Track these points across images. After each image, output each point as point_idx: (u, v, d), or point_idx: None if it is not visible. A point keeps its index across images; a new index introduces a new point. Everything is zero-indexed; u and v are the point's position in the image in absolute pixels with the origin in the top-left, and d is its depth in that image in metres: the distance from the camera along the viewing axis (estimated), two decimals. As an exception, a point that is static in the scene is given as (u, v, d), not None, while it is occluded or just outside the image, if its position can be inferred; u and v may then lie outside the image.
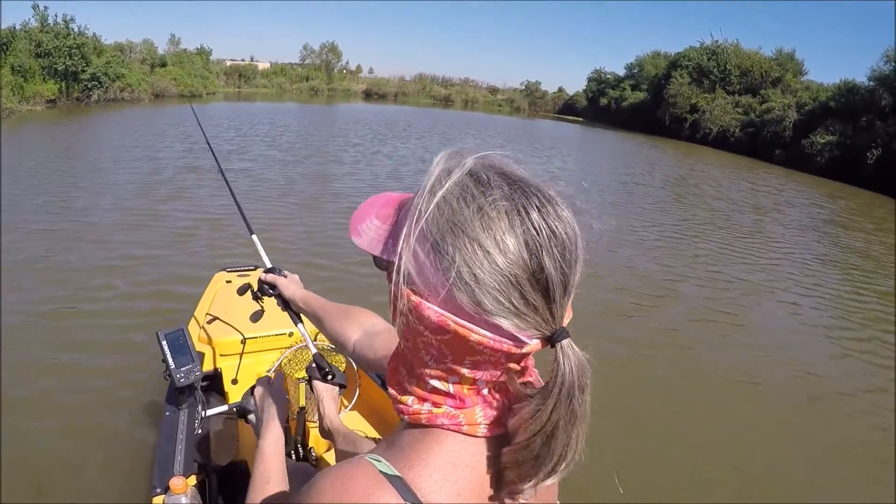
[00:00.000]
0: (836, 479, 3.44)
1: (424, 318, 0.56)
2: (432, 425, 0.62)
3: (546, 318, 0.55)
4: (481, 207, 0.53)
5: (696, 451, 3.56)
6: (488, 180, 0.55)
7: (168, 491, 1.66)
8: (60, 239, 6.24)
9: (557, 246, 0.54)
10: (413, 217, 0.56)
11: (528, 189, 0.55)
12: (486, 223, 0.53)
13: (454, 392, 0.60)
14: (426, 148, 16.78)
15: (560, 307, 0.56)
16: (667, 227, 9.73)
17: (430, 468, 0.60)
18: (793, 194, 16.92)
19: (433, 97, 67.29)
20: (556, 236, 0.54)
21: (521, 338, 0.55)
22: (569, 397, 0.55)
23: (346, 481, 0.60)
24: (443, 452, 0.61)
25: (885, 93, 24.31)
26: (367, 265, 3.03)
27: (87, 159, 11.17)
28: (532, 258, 0.53)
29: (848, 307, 6.76)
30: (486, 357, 0.57)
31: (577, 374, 0.55)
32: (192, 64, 40.18)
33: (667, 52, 49.81)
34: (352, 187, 10.35)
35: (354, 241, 0.66)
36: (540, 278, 0.53)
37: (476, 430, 0.61)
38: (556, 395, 0.55)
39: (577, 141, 30.23)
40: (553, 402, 0.55)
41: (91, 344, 4.07)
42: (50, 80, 23.41)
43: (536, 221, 0.53)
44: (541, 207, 0.54)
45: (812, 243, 10.08)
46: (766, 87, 36.14)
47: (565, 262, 0.54)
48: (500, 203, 0.54)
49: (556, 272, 0.54)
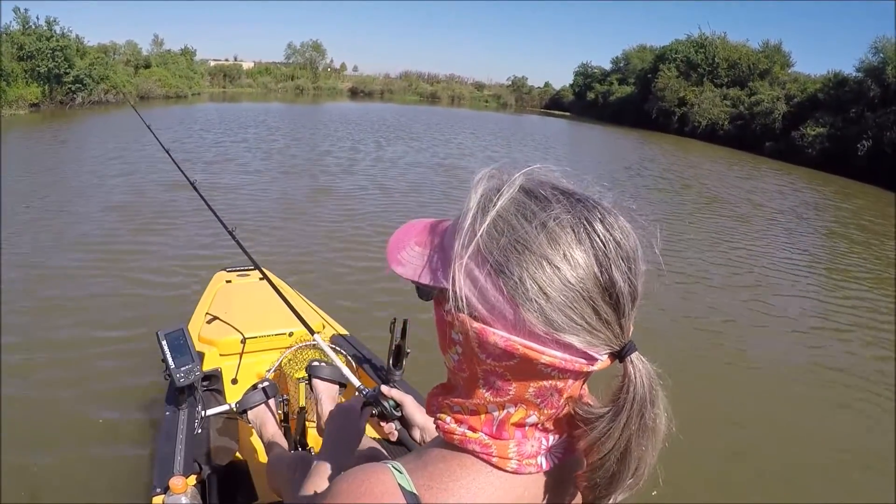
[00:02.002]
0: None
1: (489, 345, 0.54)
2: (464, 449, 0.60)
3: (616, 333, 0.54)
4: (544, 223, 0.52)
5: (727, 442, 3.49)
6: (545, 195, 0.54)
7: (168, 491, 1.66)
8: (60, 237, 6.30)
9: (624, 258, 0.53)
10: (465, 238, 0.54)
11: (587, 202, 0.54)
12: (551, 238, 0.52)
13: (499, 421, 0.59)
14: (434, 153, 16.27)
15: (629, 320, 0.55)
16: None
17: (447, 493, 0.58)
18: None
19: (419, 94, 67.17)
20: (622, 248, 0.53)
21: (592, 355, 0.54)
22: (640, 411, 0.54)
23: (362, 488, 0.59)
24: (464, 480, 0.59)
25: (873, 84, 24.47)
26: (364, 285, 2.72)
27: (85, 158, 10.88)
28: (603, 272, 0.52)
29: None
30: (552, 382, 0.55)
31: (648, 386, 0.54)
32: (176, 64, 39.56)
33: (653, 46, 50.01)
34: (370, 206, 9.42)
35: (396, 271, 0.62)
36: (612, 292, 0.52)
37: (506, 465, 0.59)
38: (627, 409, 0.54)
39: (566, 137, 30.25)
40: (625, 417, 0.54)
41: (91, 344, 4.08)
42: (33, 83, 22.79)
43: (602, 234, 0.53)
44: (603, 220, 0.53)
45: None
46: (753, 80, 36.31)
47: (633, 273, 0.54)
48: (562, 217, 0.52)
49: (625, 284, 0.53)
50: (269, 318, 2.88)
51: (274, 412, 1.77)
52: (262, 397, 1.76)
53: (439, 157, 15.57)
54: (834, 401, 4.34)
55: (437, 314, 0.60)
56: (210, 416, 2.12)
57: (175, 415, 2.16)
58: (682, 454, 3.41)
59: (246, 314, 2.88)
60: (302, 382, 2.07)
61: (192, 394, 2.21)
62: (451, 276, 0.55)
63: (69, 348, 4.01)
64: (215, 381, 2.55)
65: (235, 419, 2.31)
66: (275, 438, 1.66)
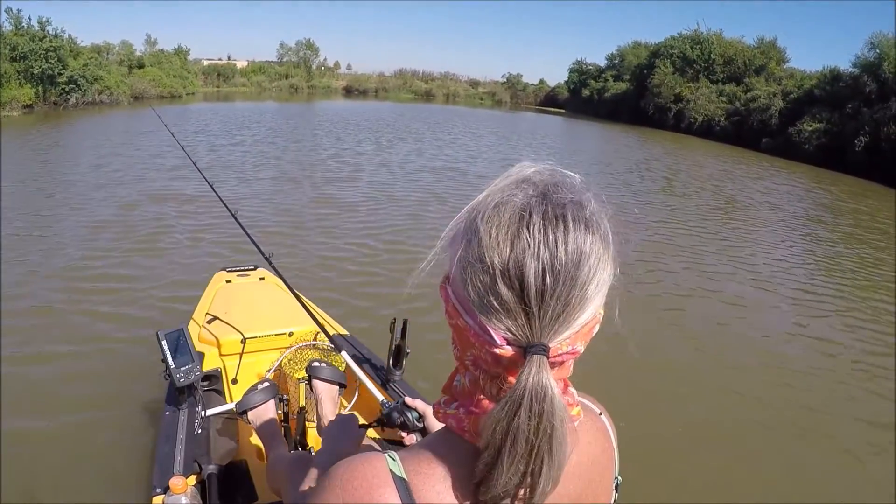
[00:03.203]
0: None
1: (445, 301, 0.61)
2: (446, 424, 0.64)
3: (520, 324, 0.54)
4: (498, 203, 0.56)
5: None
6: (521, 184, 0.58)
7: (168, 491, 1.66)
8: (60, 236, 6.37)
9: (548, 254, 0.53)
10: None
11: (552, 198, 0.56)
12: (489, 216, 0.55)
13: (466, 389, 0.62)
14: (441, 155, 15.74)
15: (537, 318, 0.54)
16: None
17: (434, 476, 0.60)
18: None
19: (414, 92, 67.01)
20: (549, 245, 0.53)
21: (492, 335, 0.55)
22: (515, 414, 0.53)
23: (355, 474, 0.62)
24: (450, 459, 0.61)
25: (869, 79, 24.51)
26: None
27: (87, 156, 10.91)
28: (511, 257, 0.53)
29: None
30: (476, 351, 0.59)
31: (532, 394, 0.53)
32: (170, 64, 39.31)
33: (647, 42, 49.98)
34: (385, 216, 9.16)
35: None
36: (516, 277, 0.53)
37: (478, 440, 0.59)
38: (503, 404, 0.54)
39: (567, 135, 30.17)
40: (504, 411, 0.54)
41: (91, 344, 4.10)
42: (26, 84, 22.63)
43: (534, 224, 0.54)
44: (547, 215, 0.54)
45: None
46: (749, 76, 36.36)
47: (552, 272, 0.53)
48: (514, 200, 0.56)
49: (535, 278, 0.53)
50: (269, 318, 2.90)
51: (274, 412, 1.75)
52: (262, 397, 1.73)
53: (448, 160, 14.97)
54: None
55: None
56: (210, 416, 2.12)
57: (175, 415, 2.16)
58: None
59: (246, 314, 2.89)
60: (302, 382, 2.08)
61: (192, 394, 2.21)
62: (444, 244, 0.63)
63: (69, 348, 4.01)
64: (215, 381, 2.56)
65: (235, 419, 2.32)
66: (275, 438, 1.64)
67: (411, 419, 1.31)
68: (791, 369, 4.73)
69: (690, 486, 3.18)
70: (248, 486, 1.96)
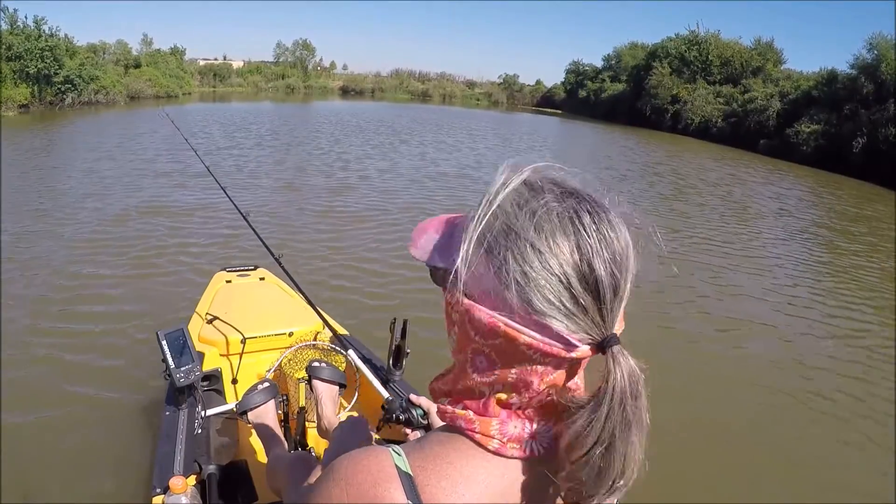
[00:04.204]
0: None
1: (476, 322, 0.58)
2: (453, 425, 0.63)
3: (597, 322, 0.55)
4: (534, 211, 0.55)
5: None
6: (542, 187, 0.57)
7: (168, 491, 1.66)
8: (59, 236, 6.38)
9: (608, 249, 0.55)
10: (471, 224, 0.58)
11: (579, 195, 0.57)
12: (538, 224, 0.55)
13: (485, 401, 0.61)
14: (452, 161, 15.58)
15: (610, 312, 0.56)
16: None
17: (440, 475, 0.60)
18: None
19: (411, 92, 67.17)
20: (607, 240, 0.55)
21: (570, 340, 0.55)
22: (622, 404, 0.54)
23: (360, 467, 0.62)
24: (458, 463, 0.61)
25: (867, 81, 24.57)
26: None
27: (87, 156, 10.91)
28: (582, 258, 0.54)
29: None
30: (533, 365, 0.57)
31: (629, 380, 0.55)
32: (166, 64, 39.34)
33: (644, 43, 50.14)
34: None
35: (413, 254, 0.66)
36: (590, 279, 0.54)
37: (488, 443, 0.60)
38: (608, 401, 0.54)
39: (567, 138, 30.11)
40: (606, 409, 0.54)
41: (90, 344, 4.07)
42: (22, 83, 22.54)
43: (587, 224, 0.55)
44: (592, 212, 0.56)
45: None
46: (746, 77, 36.49)
47: (616, 265, 0.55)
48: (551, 205, 0.55)
49: (605, 274, 0.54)
50: (269, 318, 2.91)
51: (274, 413, 1.74)
52: (262, 398, 1.72)
53: (451, 164, 14.67)
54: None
55: (444, 296, 0.63)
56: (210, 416, 2.11)
57: (175, 415, 2.16)
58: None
59: (246, 314, 2.90)
60: (302, 382, 2.07)
61: (192, 394, 2.20)
62: (455, 258, 0.59)
63: (68, 348, 4.00)
64: (215, 381, 2.55)
65: (235, 419, 2.31)
66: (275, 439, 1.64)
67: (416, 416, 1.31)
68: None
69: (691, 487, 3.17)
70: (248, 486, 1.95)
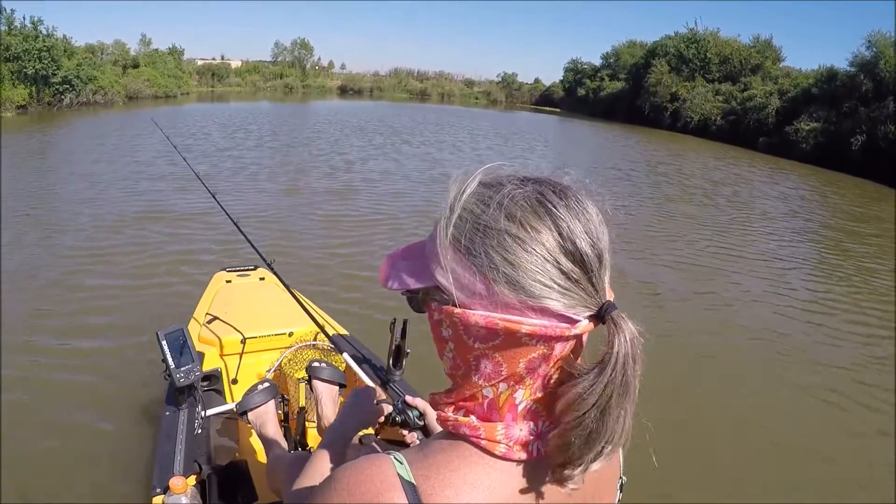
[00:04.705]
0: None
1: (472, 327, 0.57)
2: (457, 433, 0.62)
3: (589, 292, 0.56)
4: (500, 203, 0.56)
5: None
6: (499, 182, 0.58)
7: (168, 491, 1.66)
8: (58, 236, 6.40)
9: (582, 223, 0.56)
10: (440, 236, 0.59)
11: (538, 180, 0.59)
12: (508, 213, 0.55)
13: (489, 402, 0.61)
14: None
15: (599, 279, 0.57)
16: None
17: (444, 484, 0.59)
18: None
19: (409, 91, 67.06)
20: (578, 214, 0.56)
21: (569, 316, 0.56)
22: (623, 368, 0.55)
23: (362, 476, 0.61)
24: (462, 470, 0.60)
25: (866, 78, 24.50)
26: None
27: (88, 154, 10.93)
28: (563, 235, 0.55)
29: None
30: (539, 351, 0.57)
31: (632, 343, 0.55)
32: (164, 64, 39.25)
33: (643, 41, 50.08)
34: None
35: (389, 286, 0.65)
36: (575, 254, 0.55)
37: (495, 448, 0.60)
38: (612, 364, 0.54)
39: (567, 137, 30.02)
40: (610, 372, 0.55)
41: (90, 343, 4.09)
42: (20, 84, 22.50)
43: (556, 202, 0.56)
44: (556, 192, 0.57)
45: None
46: (745, 75, 36.45)
47: (592, 236, 0.56)
48: (514, 193, 0.56)
49: (587, 245, 0.55)
50: (269, 318, 2.91)
51: (274, 413, 1.73)
52: (262, 398, 1.72)
53: (452, 164, 14.38)
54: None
55: (429, 319, 0.63)
56: (210, 416, 2.11)
57: (175, 415, 2.16)
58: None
59: (246, 314, 2.90)
60: (302, 382, 2.07)
61: (192, 394, 2.21)
62: (431, 272, 0.59)
63: (68, 348, 4.01)
64: (215, 381, 2.55)
65: (235, 419, 2.31)
66: (275, 439, 1.64)
67: (412, 417, 1.29)
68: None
69: (691, 487, 3.16)
70: (248, 486, 1.95)
